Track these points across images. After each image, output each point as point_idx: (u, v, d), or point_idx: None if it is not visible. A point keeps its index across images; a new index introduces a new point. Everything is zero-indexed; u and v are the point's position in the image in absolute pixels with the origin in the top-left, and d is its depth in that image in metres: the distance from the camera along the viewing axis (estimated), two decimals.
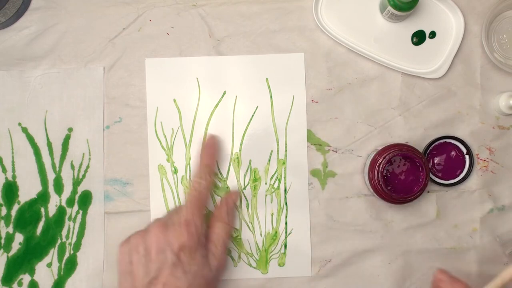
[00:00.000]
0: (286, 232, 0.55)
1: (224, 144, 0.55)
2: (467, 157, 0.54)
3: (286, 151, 0.55)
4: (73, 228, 0.55)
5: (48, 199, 0.55)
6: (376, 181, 0.50)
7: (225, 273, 0.54)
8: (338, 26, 0.55)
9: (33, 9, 0.56)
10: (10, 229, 0.55)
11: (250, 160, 0.55)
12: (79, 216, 0.55)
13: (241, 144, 0.55)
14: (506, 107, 0.53)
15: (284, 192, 0.55)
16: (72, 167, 0.55)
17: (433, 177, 0.54)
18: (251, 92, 0.56)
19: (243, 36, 0.56)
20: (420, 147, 0.54)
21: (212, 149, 0.53)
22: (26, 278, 0.54)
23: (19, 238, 0.55)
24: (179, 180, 0.55)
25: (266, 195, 0.55)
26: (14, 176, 0.55)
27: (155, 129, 0.55)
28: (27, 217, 0.55)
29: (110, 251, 0.55)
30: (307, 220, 0.55)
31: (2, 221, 0.55)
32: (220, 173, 0.55)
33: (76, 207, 0.55)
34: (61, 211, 0.55)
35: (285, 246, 0.55)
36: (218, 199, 0.55)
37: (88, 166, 0.55)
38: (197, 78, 0.56)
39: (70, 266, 0.55)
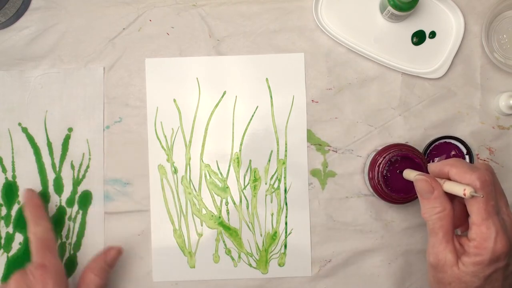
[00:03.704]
0: (286, 232, 0.55)
1: (224, 144, 0.55)
2: (467, 157, 0.54)
3: (286, 151, 0.55)
4: (73, 228, 0.55)
5: (48, 199, 0.55)
6: (376, 181, 0.50)
7: (225, 273, 0.55)
8: (338, 26, 0.55)
9: (33, 9, 0.56)
10: (10, 229, 0.55)
11: (250, 160, 0.55)
12: (79, 216, 0.55)
13: (241, 144, 0.55)
14: (506, 107, 0.53)
15: (284, 192, 0.55)
16: (72, 167, 0.55)
17: None
18: (251, 92, 0.56)
19: (243, 36, 0.56)
20: (420, 147, 0.54)
21: (34, 200, 0.52)
22: None
23: (19, 238, 0.55)
24: (179, 180, 0.55)
25: (266, 195, 0.55)
26: (14, 176, 0.55)
27: (155, 129, 0.55)
28: None
29: None
30: (307, 220, 0.55)
31: (2, 221, 0.55)
32: (220, 173, 0.55)
33: (76, 207, 0.55)
34: (61, 211, 0.55)
35: (285, 246, 0.55)
36: (217, 198, 0.55)
37: (88, 166, 0.55)
38: (197, 78, 0.56)
39: (70, 266, 0.55)
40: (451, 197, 0.40)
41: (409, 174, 0.47)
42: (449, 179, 0.40)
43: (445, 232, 0.39)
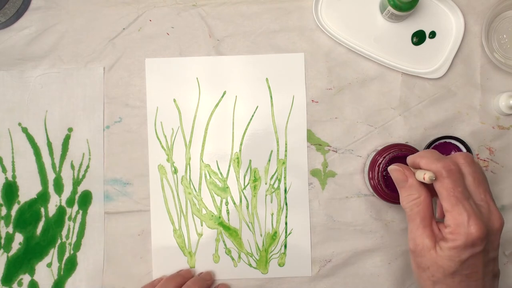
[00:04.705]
0: (286, 232, 0.55)
1: (224, 144, 0.55)
2: None
3: (286, 151, 0.55)
4: (73, 228, 0.55)
5: (48, 199, 0.55)
6: (376, 181, 0.50)
7: (224, 273, 0.55)
8: (338, 26, 0.55)
9: (33, 9, 0.56)
10: (10, 229, 0.55)
11: (250, 160, 0.55)
12: (79, 216, 0.55)
13: (241, 144, 0.55)
14: (506, 107, 0.53)
15: (284, 192, 0.55)
16: (72, 167, 0.55)
17: None
18: (251, 92, 0.56)
19: (243, 36, 0.56)
20: (420, 147, 0.54)
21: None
22: (26, 278, 0.54)
23: (19, 238, 0.55)
24: (179, 180, 0.55)
25: (266, 195, 0.55)
26: (14, 176, 0.55)
27: (155, 129, 0.55)
28: (27, 217, 0.55)
29: (110, 251, 0.55)
30: (307, 220, 0.55)
31: (2, 221, 0.55)
32: (220, 173, 0.55)
33: (76, 207, 0.55)
34: (61, 211, 0.55)
35: (285, 246, 0.55)
36: (217, 198, 0.55)
37: (88, 166, 0.55)
38: (197, 78, 0.56)
39: (70, 266, 0.55)
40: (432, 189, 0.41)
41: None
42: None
43: (422, 218, 0.40)
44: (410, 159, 0.43)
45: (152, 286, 0.52)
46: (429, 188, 0.41)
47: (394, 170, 0.43)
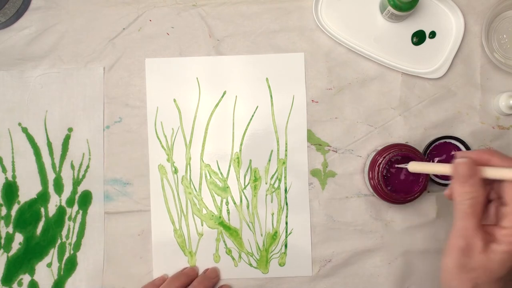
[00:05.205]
0: (286, 232, 0.55)
1: (225, 144, 0.55)
2: None
3: (286, 151, 0.55)
4: (73, 228, 0.55)
5: (48, 199, 0.55)
6: (376, 181, 0.51)
7: (225, 273, 0.55)
8: (338, 26, 0.55)
9: (33, 9, 0.56)
10: (10, 229, 0.55)
11: (250, 160, 0.55)
12: (79, 216, 0.55)
13: (241, 144, 0.55)
14: (506, 107, 0.53)
15: (284, 192, 0.55)
16: (72, 167, 0.55)
17: (433, 177, 0.54)
18: (251, 92, 0.56)
19: (243, 36, 0.56)
20: (420, 147, 0.54)
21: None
22: (26, 278, 0.54)
23: (19, 238, 0.55)
24: (179, 180, 0.55)
25: (266, 195, 0.55)
26: (14, 176, 0.55)
27: (155, 129, 0.55)
28: (27, 217, 0.55)
29: (110, 251, 0.55)
30: (307, 220, 0.55)
31: (2, 221, 0.55)
32: (221, 173, 0.55)
33: (76, 207, 0.55)
34: (61, 211, 0.55)
35: (286, 246, 0.55)
36: (218, 198, 0.55)
37: (88, 166, 0.55)
38: (197, 78, 0.56)
39: (70, 266, 0.55)
40: None
41: (415, 166, 0.45)
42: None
43: (478, 217, 0.38)
44: (473, 154, 0.40)
45: (153, 286, 0.52)
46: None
47: (462, 163, 0.38)
